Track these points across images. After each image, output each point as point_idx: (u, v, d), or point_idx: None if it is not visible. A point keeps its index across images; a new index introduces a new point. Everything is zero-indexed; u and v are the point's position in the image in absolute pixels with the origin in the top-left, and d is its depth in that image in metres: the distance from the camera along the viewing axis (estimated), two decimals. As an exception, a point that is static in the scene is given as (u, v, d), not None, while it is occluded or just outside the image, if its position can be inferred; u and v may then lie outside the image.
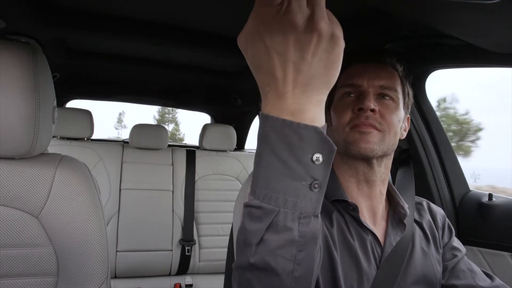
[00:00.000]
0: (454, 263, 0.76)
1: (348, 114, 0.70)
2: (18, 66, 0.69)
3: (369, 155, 0.69)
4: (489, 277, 0.75)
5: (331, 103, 0.77)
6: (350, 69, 0.74)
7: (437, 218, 0.81)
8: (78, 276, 0.74)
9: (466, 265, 0.77)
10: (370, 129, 0.68)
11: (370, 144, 0.68)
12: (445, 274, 0.75)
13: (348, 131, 0.70)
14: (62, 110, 2.03)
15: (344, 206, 0.72)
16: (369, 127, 0.68)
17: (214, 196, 2.15)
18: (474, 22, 0.73)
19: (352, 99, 0.72)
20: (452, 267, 0.76)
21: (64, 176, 0.76)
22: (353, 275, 0.66)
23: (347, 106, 0.71)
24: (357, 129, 0.69)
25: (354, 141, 0.68)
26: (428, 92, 1.23)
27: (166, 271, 2.02)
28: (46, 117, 0.74)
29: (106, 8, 1.20)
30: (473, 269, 0.76)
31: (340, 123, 0.71)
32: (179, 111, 18.38)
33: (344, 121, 0.70)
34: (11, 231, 0.72)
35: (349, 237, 0.69)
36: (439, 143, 1.24)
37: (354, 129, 0.69)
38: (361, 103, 0.68)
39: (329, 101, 0.76)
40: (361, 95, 0.70)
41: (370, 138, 0.68)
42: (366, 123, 0.68)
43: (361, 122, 0.68)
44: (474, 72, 8.80)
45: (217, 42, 1.39)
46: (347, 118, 0.70)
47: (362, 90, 0.71)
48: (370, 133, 0.68)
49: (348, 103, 0.72)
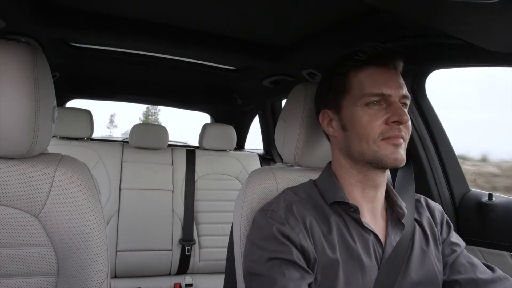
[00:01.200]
0: (454, 258, 0.76)
1: (380, 126, 0.68)
2: (18, 66, 0.69)
3: (398, 166, 0.69)
4: (490, 269, 0.75)
5: (340, 107, 0.74)
6: (372, 74, 0.71)
7: (436, 214, 0.82)
8: (78, 275, 0.74)
9: (466, 258, 0.77)
10: (401, 141, 0.69)
11: (401, 156, 0.69)
12: (446, 269, 0.75)
13: (380, 143, 0.68)
14: (62, 110, 2.03)
15: (345, 208, 0.73)
16: (400, 139, 0.68)
17: (214, 196, 2.15)
18: (474, 22, 0.73)
19: (380, 109, 0.69)
20: (452, 262, 0.76)
21: (64, 176, 0.76)
22: (357, 277, 0.67)
23: (376, 116, 0.69)
24: (391, 141, 0.68)
25: (388, 154, 0.68)
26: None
27: (166, 271, 2.02)
28: (46, 117, 0.74)
29: (106, 8, 1.20)
30: (473, 262, 0.76)
31: (370, 134, 0.69)
32: (160, 113, 19.96)
33: (374, 133, 0.68)
34: (11, 231, 0.72)
35: (350, 240, 0.69)
36: (439, 143, 1.24)
37: (387, 142, 0.68)
38: (397, 116, 0.67)
39: (337, 105, 0.74)
40: (391, 106, 0.69)
41: (401, 150, 0.69)
42: (399, 135, 0.68)
43: (395, 135, 0.68)
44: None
45: (217, 42, 1.40)
46: (378, 129, 0.68)
47: (392, 100, 0.69)
48: (401, 145, 0.69)
49: (377, 113, 0.69)
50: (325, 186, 0.77)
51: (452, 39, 0.92)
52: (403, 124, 0.68)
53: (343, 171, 0.76)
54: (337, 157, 0.78)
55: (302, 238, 0.66)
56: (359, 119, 0.70)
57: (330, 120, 0.78)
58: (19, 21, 1.17)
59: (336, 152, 0.78)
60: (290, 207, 0.71)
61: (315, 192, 0.77)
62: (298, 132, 0.89)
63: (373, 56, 0.71)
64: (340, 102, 0.74)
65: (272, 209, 0.72)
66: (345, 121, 0.73)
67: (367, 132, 0.69)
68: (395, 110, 0.68)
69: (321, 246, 0.67)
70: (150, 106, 21.10)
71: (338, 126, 0.75)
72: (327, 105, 0.78)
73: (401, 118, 0.67)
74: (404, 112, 0.68)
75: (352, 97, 0.72)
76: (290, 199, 0.73)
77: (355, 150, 0.71)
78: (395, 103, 0.69)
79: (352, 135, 0.71)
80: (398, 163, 0.69)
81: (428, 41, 1.01)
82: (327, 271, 0.66)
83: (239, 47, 1.43)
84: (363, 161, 0.71)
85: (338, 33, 1.14)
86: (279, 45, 1.42)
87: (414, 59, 1.06)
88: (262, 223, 0.71)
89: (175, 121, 10.43)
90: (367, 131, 0.69)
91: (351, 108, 0.72)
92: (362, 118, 0.70)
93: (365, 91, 0.70)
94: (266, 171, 0.92)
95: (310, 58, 1.41)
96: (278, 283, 0.61)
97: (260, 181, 0.88)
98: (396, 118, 0.67)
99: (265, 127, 2.54)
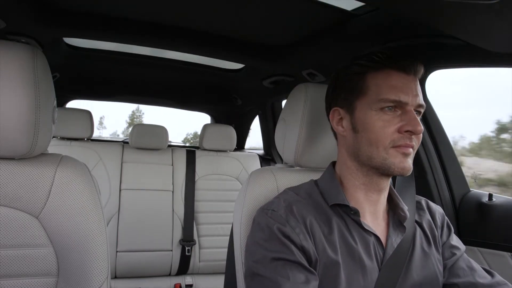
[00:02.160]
0: (454, 261, 0.76)
1: (392, 133, 0.67)
2: (18, 66, 0.69)
3: (405, 175, 0.69)
4: (489, 274, 0.75)
5: (354, 108, 0.72)
6: (390, 78, 0.69)
7: (436, 216, 0.81)
8: (78, 276, 0.74)
9: (466, 262, 0.76)
10: (411, 150, 0.68)
11: (409, 165, 0.68)
12: (445, 272, 0.75)
13: (390, 150, 0.67)
14: (62, 110, 2.03)
15: (346, 210, 0.72)
16: (410, 148, 0.68)
17: (214, 196, 2.15)
18: (474, 22, 0.73)
19: (395, 116, 0.68)
20: (452, 265, 0.76)
21: (64, 176, 0.76)
22: (358, 278, 0.66)
23: (390, 123, 0.67)
24: (401, 150, 0.67)
25: (396, 162, 0.67)
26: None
27: (166, 271, 2.02)
28: (46, 117, 0.74)
29: (106, 8, 1.20)
30: (472, 266, 0.76)
31: (381, 140, 0.68)
32: (144, 115, 20.93)
33: (386, 139, 0.67)
34: (11, 232, 0.72)
35: (351, 241, 0.69)
36: (439, 143, 1.24)
37: (397, 150, 0.67)
38: (411, 127, 0.66)
39: (350, 105, 0.73)
40: (406, 114, 0.67)
41: (409, 159, 0.68)
42: (409, 145, 0.67)
43: (406, 144, 0.67)
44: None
45: (217, 42, 1.40)
46: (391, 136, 0.67)
47: (408, 109, 0.68)
48: (410, 154, 0.68)
49: (391, 119, 0.68)
50: (327, 187, 0.77)
51: (452, 39, 0.92)
52: (416, 134, 0.67)
53: (347, 172, 0.76)
54: (343, 158, 0.77)
55: (303, 239, 0.66)
56: (373, 124, 0.68)
57: (341, 119, 0.76)
58: (19, 21, 1.17)
59: (343, 152, 0.77)
60: (290, 207, 0.70)
61: (316, 193, 0.76)
62: (298, 133, 0.89)
63: (393, 59, 0.69)
64: (354, 103, 0.72)
65: (272, 209, 0.71)
66: (357, 123, 0.71)
67: (378, 138, 0.68)
68: (409, 120, 0.66)
69: (322, 246, 0.67)
70: (135, 109, 21.76)
71: (348, 127, 0.74)
72: (338, 103, 0.76)
73: (415, 129, 0.66)
74: (419, 123, 0.66)
75: (367, 100, 0.70)
76: (290, 199, 0.73)
77: (364, 153, 0.70)
78: (410, 112, 0.67)
79: (363, 138, 0.70)
80: (405, 172, 0.68)
81: (428, 41, 1.01)
82: (329, 271, 0.65)
83: (239, 47, 1.43)
84: (370, 166, 0.71)
85: (338, 33, 1.14)
86: (279, 45, 1.42)
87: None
88: (262, 223, 0.70)
89: (158, 122, 11.40)
90: (379, 137, 0.68)
91: (365, 111, 0.70)
92: (375, 123, 0.68)
93: (381, 96, 0.68)
94: (266, 171, 0.92)
95: (310, 58, 1.41)
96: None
97: (260, 182, 0.88)
98: (410, 128, 0.66)
99: (265, 128, 2.54)
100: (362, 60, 0.72)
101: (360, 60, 0.73)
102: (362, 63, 0.72)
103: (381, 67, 0.70)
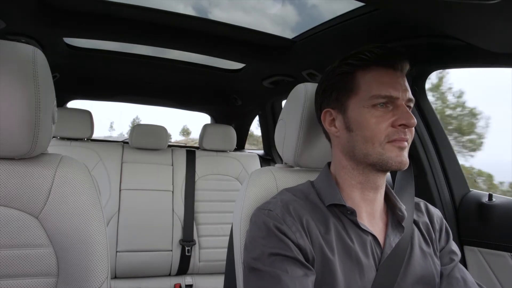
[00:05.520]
0: (450, 268, 0.75)
1: (386, 128, 0.68)
2: (18, 67, 0.69)
3: (402, 169, 0.69)
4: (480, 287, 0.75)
5: (346, 107, 0.73)
6: (379, 75, 0.70)
7: (434, 219, 0.81)
8: (78, 276, 0.74)
9: (460, 273, 0.76)
10: (406, 144, 0.69)
11: (405, 158, 0.69)
12: (441, 280, 0.74)
13: (386, 145, 0.68)
14: (62, 110, 2.03)
15: (342, 210, 0.72)
16: (405, 142, 0.69)
17: (214, 196, 2.15)
18: (474, 22, 0.73)
19: (387, 111, 0.69)
20: (447, 274, 0.75)
21: (64, 176, 0.76)
22: (355, 277, 0.67)
23: (383, 118, 0.68)
24: (396, 144, 0.68)
25: (393, 156, 0.68)
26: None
27: (166, 272, 2.02)
28: (46, 117, 0.74)
29: (106, 8, 1.20)
30: (466, 278, 0.75)
31: (376, 136, 0.68)
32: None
33: (381, 135, 0.68)
34: (11, 232, 0.72)
35: (348, 241, 0.69)
36: (439, 143, 1.24)
37: (393, 144, 0.68)
38: (405, 120, 0.67)
39: (342, 104, 0.73)
40: (398, 109, 0.68)
41: (405, 153, 0.69)
42: (404, 138, 0.68)
43: (401, 138, 0.68)
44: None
45: (217, 43, 1.40)
46: (385, 131, 0.68)
47: (399, 104, 0.69)
48: (405, 148, 0.69)
49: (383, 115, 0.69)
50: (323, 188, 0.77)
51: (452, 39, 0.92)
52: (410, 127, 0.68)
53: (343, 172, 0.76)
54: (338, 158, 0.77)
55: (299, 237, 0.66)
56: (367, 121, 0.69)
57: (333, 120, 0.76)
58: (19, 22, 1.17)
59: (338, 153, 0.77)
60: (286, 206, 0.71)
61: (313, 193, 0.77)
62: (298, 133, 0.89)
63: (380, 57, 0.70)
64: (346, 102, 0.73)
65: (269, 209, 0.72)
66: (351, 122, 0.72)
67: (374, 134, 0.68)
68: (402, 114, 0.68)
69: (319, 245, 0.67)
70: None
71: (342, 126, 0.74)
72: (329, 104, 0.77)
73: (409, 121, 0.67)
74: (412, 116, 0.68)
75: (359, 98, 0.71)
76: (287, 199, 0.73)
77: (359, 151, 0.71)
78: (402, 106, 0.68)
79: (358, 137, 0.71)
80: (402, 166, 0.69)
81: (428, 41, 1.01)
82: (326, 270, 0.66)
83: (239, 48, 1.43)
84: (367, 163, 0.71)
85: (337, 33, 1.14)
86: (279, 45, 1.42)
87: (414, 59, 1.07)
88: (259, 221, 0.71)
89: (158, 122, 11.58)
90: (374, 133, 0.68)
91: (358, 109, 0.71)
92: (369, 120, 0.69)
93: (373, 93, 0.69)
94: (266, 171, 0.92)
95: (310, 59, 1.41)
96: (282, 281, 0.61)
97: (260, 182, 0.88)
98: (403, 121, 0.67)
99: (265, 128, 2.54)
100: (350, 60, 0.73)
101: (348, 59, 0.74)
102: (350, 63, 0.73)
103: (370, 65, 0.71)
